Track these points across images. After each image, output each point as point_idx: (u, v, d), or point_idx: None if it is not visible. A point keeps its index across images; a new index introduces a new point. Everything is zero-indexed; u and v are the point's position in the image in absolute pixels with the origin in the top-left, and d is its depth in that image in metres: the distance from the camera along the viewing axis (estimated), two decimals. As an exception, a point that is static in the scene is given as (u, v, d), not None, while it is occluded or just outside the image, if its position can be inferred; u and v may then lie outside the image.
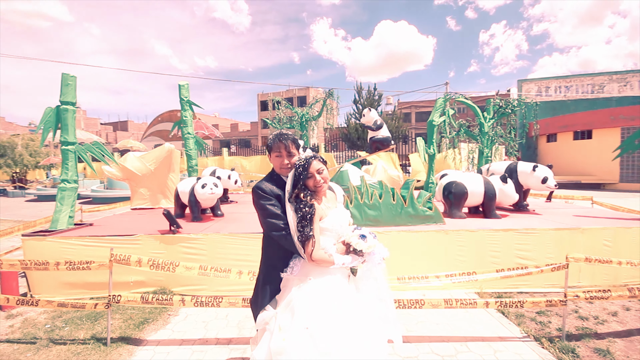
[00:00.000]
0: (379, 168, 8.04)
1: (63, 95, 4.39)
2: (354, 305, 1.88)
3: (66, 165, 4.44)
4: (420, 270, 3.46)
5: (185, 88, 7.81)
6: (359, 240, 1.91)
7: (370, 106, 19.65)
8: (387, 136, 6.30)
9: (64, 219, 4.36)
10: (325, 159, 2.07)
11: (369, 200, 4.41)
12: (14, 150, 17.54)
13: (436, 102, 5.04)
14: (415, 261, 3.95)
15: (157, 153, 6.31)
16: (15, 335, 3.13)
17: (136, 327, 3.26)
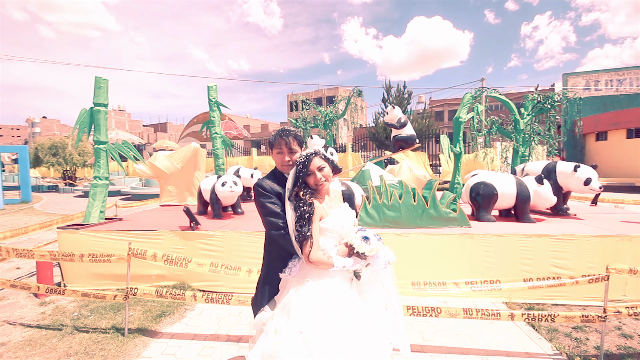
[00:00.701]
0: (404, 167, 7.77)
1: (96, 97, 4.66)
2: (354, 311, 1.77)
3: (98, 163, 4.71)
4: (440, 276, 3.25)
5: (214, 89, 8.03)
6: (362, 242, 1.80)
7: (399, 105, 19.16)
8: (412, 134, 6.04)
9: (95, 214, 4.63)
10: (327, 156, 1.98)
11: (388, 201, 4.23)
12: (64, 150, 19.15)
13: (463, 97, 4.74)
14: (434, 266, 3.73)
15: (183, 152, 6.54)
16: (46, 321, 3.35)
17: (154, 320, 3.36)
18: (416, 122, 18.50)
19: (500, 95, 6.00)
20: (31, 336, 3.06)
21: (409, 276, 3.18)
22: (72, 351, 2.82)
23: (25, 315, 3.50)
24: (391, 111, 6.09)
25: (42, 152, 19.56)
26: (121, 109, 60.01)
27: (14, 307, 3.69)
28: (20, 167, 14.77)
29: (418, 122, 18.43)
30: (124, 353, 2.81)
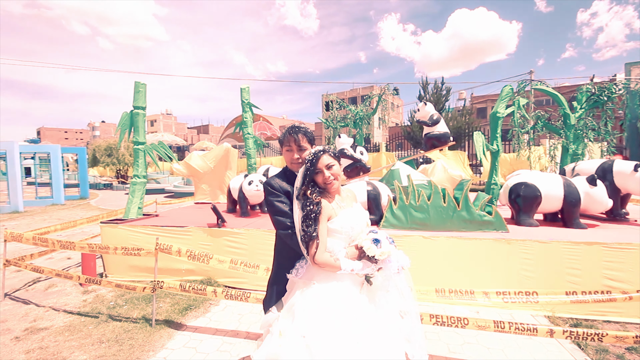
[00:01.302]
0: (438, 167, 7.39)
1: (135, 101, 4.97)
2: (362, 317, 1.66)
3: (137, 162, 5.03)
4: (469, 284, 3.00)
5: (246, 91, 8.24)
6: (372, 244, 1.70)
7: (436, 102, 18.35)
8: (445, 132, 5.71)
9: (134, 210, 4.94)
10: (337, 153, 1.89)
11: (416, 202, 4.02)
12: (118, 151, 20.88)
13: (502, 91, 4.35)
14: (463, 273, 3.46)
15: (216, 152, 6.78)
16: (86, 309, 3.62)
17: (180, 312, 3.49)
18: (454, 119, 17.61)
19: (547, 87, 5.46)
20: (71, 322, 3.32)
21: (434, 282, 2.97)
22: (104, 338, 3.01)
23: (69, 302, 3.81)
24: (423, 108, 5.80)
25: (99, 153, 21.51)
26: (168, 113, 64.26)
27: (61, 295, 4.04)
28: (79, 167, 16.33)
29: (457, 120, 17.51)
30: (149, 343, 2.94)
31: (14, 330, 3.15)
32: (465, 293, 2.55)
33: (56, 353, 2.77)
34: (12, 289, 4.21)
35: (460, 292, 2.55)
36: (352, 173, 5.97)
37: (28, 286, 4.32)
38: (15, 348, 2.85)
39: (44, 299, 3.90)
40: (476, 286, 2.79)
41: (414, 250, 3.62)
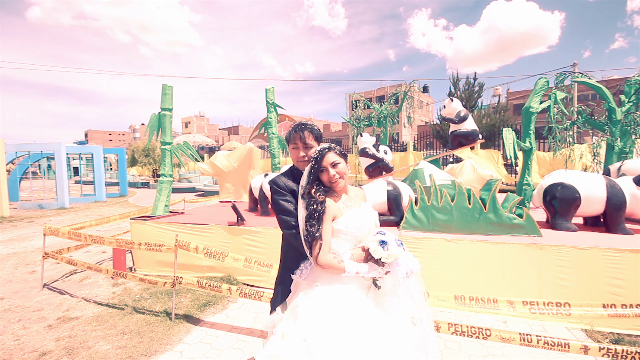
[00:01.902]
0: (466, 166, 7.04)
1: (162, 103, 5.18)
2: (368, 322, 1.59)
3: (164, 162, 5.24)
4: (494, 292, 2.79)
5: (271, 91, 8.34)
6: (378, 247, 1.61)
7: (468, 99, 17.56)
8: (473, 129, 5.40)
9: (160, 207, 5.15)
10: (345, 151, 1.82)
11: (438, 203, 3.83)
12: (154, 152, 22.05)
13: (536, 83, 4.02)
14: (488, 279, 3.23)
15: (240, 152, 6.92)
16: (114, 301, 3.81)
17: (199, 308, 3.57)
18: (488, 116, 16.72)
19: (590, 80, 4.99)
20: (100, 313, 3.51)
21: (454, 288, 2.81)
22: (127, 330, 3.14)
23: (100, 294, 4.03)
24: (449, 104, 5.52)
25: (137, 153, 22.84)
26: (201, 115, 66.97)
27: (93, 286, 4.29)
28: (119, 167, 17.41)
29: (490, 117, 16.62)
30: (168, 336, 3.03)
31: (48, 319, 3.38)
32: (487, 301, 2.37)
33: (83, 342, 2.93)
34: (51, 279, 4.54)
35: (482, 300, 2.38)
36: (374, 172, 5.82)
37: (65, 277, 4.64)
38: (47, 336, 3.05)
39: (78, 290, 4.17)
40: (500, 294, 2.59)
41: (435, 253, 3.45)
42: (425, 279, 3.30)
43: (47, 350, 2.80)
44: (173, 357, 2.73)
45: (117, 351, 2.78)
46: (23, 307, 3.67)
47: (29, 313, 3.53)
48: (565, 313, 2.18)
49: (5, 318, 3.40)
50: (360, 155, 6.11)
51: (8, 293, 4.07)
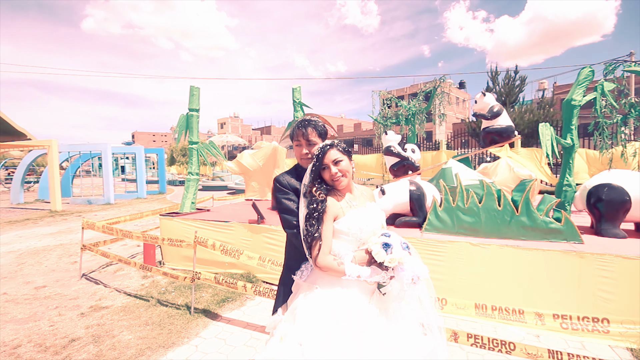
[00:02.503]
0: (502, 166, 6.57)
1: (190, 104, 5.37)
2: (369, 329, 1.49)
3: (191, 160, 5.43)
4: (520, 302, 2.54)
5: (298, 91, 8.36)
6: (381, 249, 1.52)
7: (508, 94, 16.48)
8: (508, 125, 5.00)
9: (187, 204, 5.35)
10: (349, 148, 1.74)
11: (464, 204, 3.59)
12: (191, 151, 23.25)
13: (579, 74, 3.62)
14: (514, 287, 2.94)
15: (265, 150, 7.00)
16: (141, 292, 4.01)
17: (217, 304, 3.65)
18: (531, 112, 15.54)
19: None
20: (127, 303, 3.70)
21: (476, 296, 2.60)
22: (150, 321, 3.28)
23: (130, 285, 4.26)
24: (480, 99, 5.17)
25: (176, 153, 24.13)
26: (236, 116, 69.29)
27: (125, 278, 4.54)
28: (158, 166, 18.46)
29: (533, 113, 15.44)
30: (186, 330, 3.12)
31: (82, 307, 3.62)
32: (512, 312, 2.16)
33: (109, 330, 3.10)
34: (89, 270, 4.88)
35: (506, 311, 2.17)
36: (399, 171, 5.63)
37: (102, 268, 4.96)
38: (79, 323, 3.26)
39: (112, 281, 4.43)
40: (530, 305, 2.35)
41: (459, 258, 3.23)
42: (447, 284, 3.12)
43: (77, 337, 2.99)
44: (188, 351, 2.79)
45: (138, 341, 2.91)
46: (61, 295, 3.97)
47: (65, 301, 3.80)
48: (602, 330, 1.92)
49: (44, 305, 3.69)
50: (385, 154, 5.93)
51: (50, 281, 4.43)
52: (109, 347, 2.83)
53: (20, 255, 5.74)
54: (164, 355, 2.73)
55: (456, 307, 2.33)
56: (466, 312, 2.34)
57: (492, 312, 2.20)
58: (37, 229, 8.28)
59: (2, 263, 5.26)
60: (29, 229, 8.19)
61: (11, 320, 3.31)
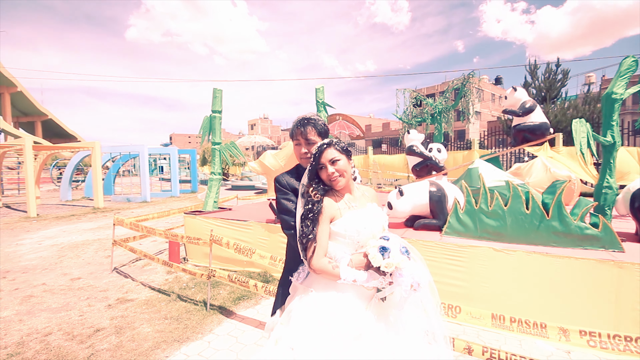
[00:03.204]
0: (537, 165, 6.15)
1: (213, 106, 5.52)
2: (365, 337, 1.43)
3: (214, 161, 5.59)
4: (545, 314, 2.32)
5: (321, 91, 8.34)
6: (377, 253, 1.45)
7: (548, 89, 15.37)
8: (541, 122, 4.62)
9: (210, 203, 5.51)
10: (348, 147, 1.68)
11: (487, 206, 3.37)
12: (222, 152, 24.07)
13: (620, 64, 3.26)
14: (538, 298, 2.69)
15: (287, 150, 7.06)
16: (164, 287, 4.18)
17: (233, 301, 3.71)
18: (574, 108, 14.36)
19: None
20: (151, 297, 3.87)
21: (495, 306, 2.41)
22: (169, 315, 3.40)
23: (155, 280, 4.46)
24: (511, 94, 4.82)
25: (207, 153, 25.08)
26: (265, 117, 70.82)
27: (151, 272, 4.76)
28: (191, 166, 19.29)
29: (577, 108, 14.24)
30: (201, 325, 3.20)
31: (110, 299, 3.84)
32: (533, 325, 1.98)
33: (130, 322, 3.25)
34: (120, 264, 5.18)
35: (527, 323, 1.99)
36: (421, 172, 5.42)
37: (132, 263, 5.25)
38: (105, 314, 3.45)
39: (139, 275, 4.67)
40: (553, 318, 2.14)
41: (480, 264, 3.03)
42: (466, 291, 2.94)
43: (101, 327, 3.17)
44: (201, 347, 2.86)
45: (155, 334, 3.02)
46: (93, 287, 4.23)
47: (96, 292, 4.06)
48: (636, 350, 1.70)
49: (77, 295, 3.96)
50: (407, 153, 5.75)
51: (85, 274, 4.75)
52: (128, 338, 2.96)
53: (61, 248, 6.23)
54: (178, 349, 2.81)
55: (471, 317, 2.18)
56: (481, 322, 2.18)
57: (511, 324, 2.03)
58: (80, 224, 8.94)
59: (45, 255, 5.73)
60: (73, 224, 8.87)
61: (46, 309, 3.58)
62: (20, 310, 3.53)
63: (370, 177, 15.27)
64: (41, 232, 7.86)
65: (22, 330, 3.09)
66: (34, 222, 9.32)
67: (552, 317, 2.39)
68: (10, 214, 10.89)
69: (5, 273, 4.75)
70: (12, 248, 6.28)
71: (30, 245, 6.56)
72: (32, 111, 42.16)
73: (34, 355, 2.67)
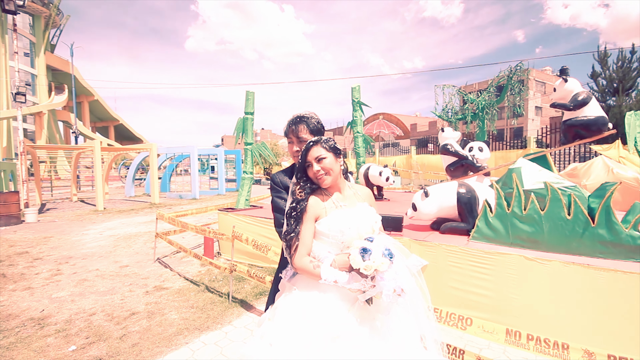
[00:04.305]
0: (597, 165, 5.46)
1: (246, 108, 5.76)
2: (341, 338, 1.40)
3: (246, 160, 5.83)
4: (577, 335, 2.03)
5: (357, 90, 8.28)
6: (357, 254, 1.42)
7: (621, 79, 13.45)
8: (597, 116, 4.04)
9: (242, 201, 5.76)
10: (337, 145, 1.64)
11: (521, 210, 3.06)
12: (265, 152, 25.01)
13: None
14: (568, 314, 2.34)
15: (318, 150, 7.11)
16: (196, 278, 4.46)
17: (254, 296, 3.84)
18: None
19: None
20: (183, 287, 4.16)
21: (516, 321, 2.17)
22: (195, 305, 3.63)
23: (189, 271, 4.78)
24: (561, 86, 4.28)
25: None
26: (310, 118, 71.88)
27: (187, 264, 5.12)
28: (236, 165, 20.30)
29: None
30: (221, 317, 3.36)
31: (149, 286, 4.20)
32: (553, 345, 1.75)
33: (161, 309, 3.53)
34: (163, 255, 5.64)
35: (546, 343, 1.77)
36: (456, 172, 5.10)
37: (172, 255, 5.69)
38: (142, 299, 3.79)
39: (177, 266, 5.04)
40: (582, 339, 1.87)
41: (508, 273, 2.76)
42: (492, 302, 2.71)
43: (137, 311, 3.49)
44: (218, 336, 3.01)
45: (180, 321, 3.25)
46: (136, 274, 4.67)
47: (138, 279, 4.47)
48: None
49: (122, 281, 4.39)
50: (441, 152, 5.45)
51: (132, 262, 5.26)
52: (157, 323, 3.22)
53: (117, 239, 6.96)
54: (198, 337, 2.99)
55: (482, 330, 1.99)
56: (493, 337, 1.98)
57: (528, 342, 1.81)
58: (137, 217, 9.91)
59: (103, 245, 6.45)
60: (131, 218, 9.87)
61: (95, 292, 4.04)
62: (74, 291, 4.03)
63: (412, 179, 14.73)
64: (104, 224, 8.87)
65: (72, 309, 3.52)
66: (100, 214, 10.55)
67: (580, 337, 2.07)
68: (83, 207, 12.45)
69: (68, 259, 5.46)
70: (78, 237, 7.18)
71: (93, 235, 7.44)
72: (106, 117, 47.76)
73: (77, 332, 3.03)
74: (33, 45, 34.12)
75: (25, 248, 6.17)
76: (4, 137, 29.45)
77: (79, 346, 2.79)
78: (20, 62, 33.47)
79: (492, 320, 2.44)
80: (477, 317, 2.37)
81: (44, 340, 2.88)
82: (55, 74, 38.46)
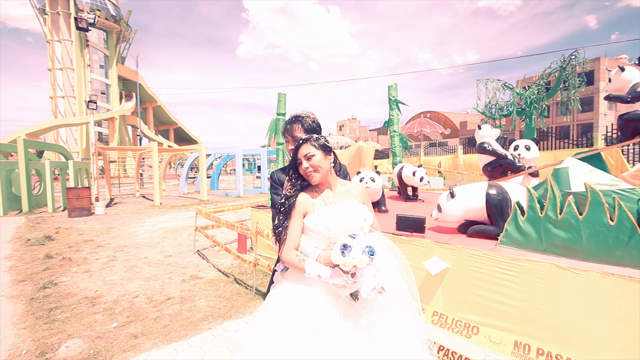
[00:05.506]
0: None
1: (278, 109, 5.98)
2: (321, 332, 1.45)
3: (277, 160, 6.04)
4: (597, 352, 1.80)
5: (394, 88, 8.13)
6: (338, 250, 1.45)
7: None
8: (663, 109, 3.47)
9: (274, 199, 5.98)
10: (328, 143, 1.68)
11: (556, 214, 2.78)
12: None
13: None
14: (604, 333, 2.07)
15: (351, 150, 7.10)
16: (228, 270, 4.75)
17: (278, 290, 3.99)
18: None
19: None
20: (215, 278, 4.46)
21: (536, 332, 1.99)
22: (223, 295, 3.88)
23: (223, 263, 5.11)
24: (616, 75, 3.75)
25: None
26: (353, 118, 71.45)
27: (223, 257, 5.46)
28: (261, 165, 20.99)
29: None
30: (244, 307, 3.56)
31: (185, 275, 4.58)
32: (566, 361, 1.59)
33: (193, 296, 3.84)
34: (202, 247, 6.08)
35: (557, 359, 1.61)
36: (494, 172, 4.76)
37: (211, 247, 6.11)
38: (178, 287, 4.15)
39: (213, 258, 5.41)
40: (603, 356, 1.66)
41: (537, 282, 2.53)
42: (518, 312, 2.53)
43: (172, 296, 3.83)
44: (238, 325, 3.19)
45: (207, 309, 3.50)
46: (177, 264, 5.11)
47: (178, 268, 4.89)
48: None
49: (164, 269, 4.84)
50: (477, 151, 5.12)
51: (175, 252, 5.75)
52: (187, 309, 3.51)
53: (166, 231, 7.65)
54: (220, 324, 3.20)
55: (489, 340, 1.86)
56: (499, 349, 1.84)
57: (537, 357, 1.65)
58: (186, 212, 10.77)
59: (154, 236, 7.14)
60: (181, 213, 10.75)
61: (141, 277, 4.51)
62: (124, 276, 4.54)
63: (457, 180, 13.96)
64: (158, 217, 9.79)
65: (120, 291, 3.98)
66: (156, 209, 11.64)
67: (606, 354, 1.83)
68: (143, 202, 13.83)
69: (124, 247, 6.14)
70: (134, 228, 8.02)
71: (147, 227, 8.26)
72: (167, 121, 52.35)
73: (121, 311, 3.43)
74: (107, 58, 38.69)
75: (91, 236, 7.07)
76: (84, 140, 33.77)
77: (120, 323, 3.16)
78: (97, 73, 38.56)
79: (513, 332, 2.27)
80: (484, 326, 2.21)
81: (93, 317, 3.31)
82: (125, 83, 43.27)
